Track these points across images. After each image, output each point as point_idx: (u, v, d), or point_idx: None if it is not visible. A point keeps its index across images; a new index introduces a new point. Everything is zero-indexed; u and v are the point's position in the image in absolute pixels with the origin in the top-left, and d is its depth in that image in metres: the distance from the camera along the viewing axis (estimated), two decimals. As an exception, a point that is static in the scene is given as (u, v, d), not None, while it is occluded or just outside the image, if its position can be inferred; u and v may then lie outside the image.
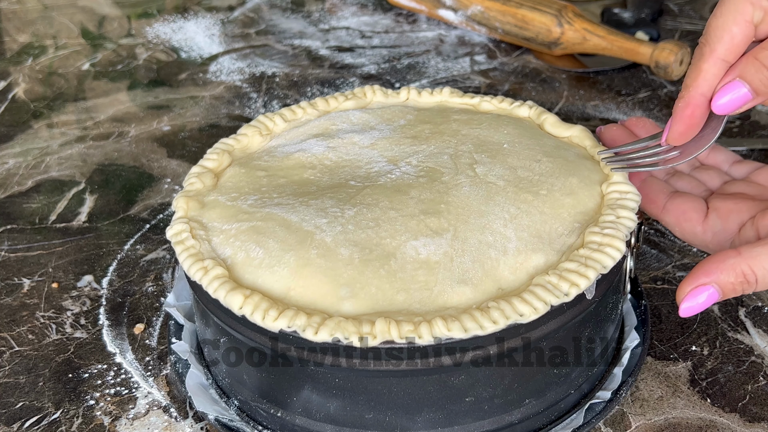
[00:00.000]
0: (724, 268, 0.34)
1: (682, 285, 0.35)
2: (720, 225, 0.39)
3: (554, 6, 0.75)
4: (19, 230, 0.56)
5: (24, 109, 0.72)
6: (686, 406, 0.41)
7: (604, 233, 0.37)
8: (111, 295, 0.50)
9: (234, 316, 0.36)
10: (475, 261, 0.36)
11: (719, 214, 0.40)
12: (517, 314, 0.34)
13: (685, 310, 0.35)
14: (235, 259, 0.38)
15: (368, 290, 0.35)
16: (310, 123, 0.47)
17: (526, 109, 0.48)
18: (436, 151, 0.43)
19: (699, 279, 0.34)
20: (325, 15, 0.87)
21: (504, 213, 0.38)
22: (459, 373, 0.35)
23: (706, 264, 0.35)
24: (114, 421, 0.41)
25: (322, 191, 0.40)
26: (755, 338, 0.45)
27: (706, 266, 0.34)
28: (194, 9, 0.89)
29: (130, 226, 0.56)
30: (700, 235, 0.40)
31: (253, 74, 0.76)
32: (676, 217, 0.41)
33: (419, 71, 0.75)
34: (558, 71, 0.74)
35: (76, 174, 0.62)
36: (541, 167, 0.41)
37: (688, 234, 0.41)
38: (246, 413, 0.40)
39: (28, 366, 0.45)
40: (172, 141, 0.66)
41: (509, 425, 0.38)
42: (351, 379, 0.35)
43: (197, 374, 0.42)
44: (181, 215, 0.41)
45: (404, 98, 0.49)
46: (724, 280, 0.34)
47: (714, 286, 0.34)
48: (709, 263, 0.35)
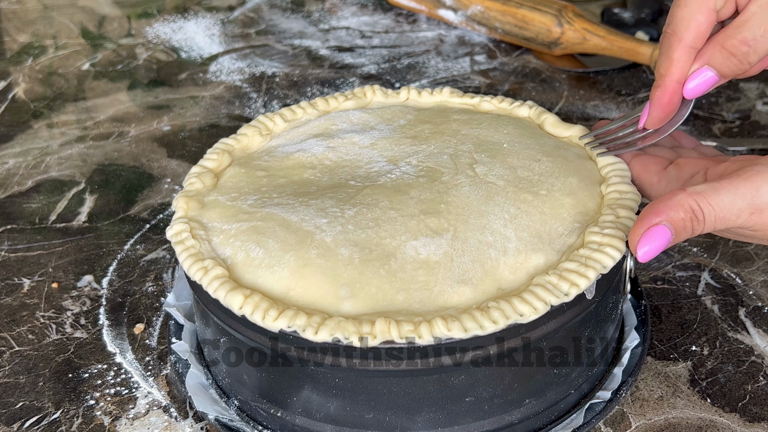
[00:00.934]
0: (672, 204, 0.34)
1: (634, 229, 0.35)
2: (675, 174, 0.40)
3: (554, 6, 0.75)
4: (19, 230, 0.56)
5: (24, 109, 0.72)
6: (686, 406, 0.41)
7: (604, 233, 0.37)
8: (111, 295, 0.50)
9: (234, 316, 0.36)
10: (475, 261, 0.36)
11: (676, 166, 0.41)
12: (517, 314, 0.34)
13: (644, 254, 0.34)
14: (235, 259, 0.38)
15: (368, 290, 0.35)
16: (310, 123, 0.47)
17: (526, 109, 0.48)
18: (436, 151, 0.43)
19: (651, 219, 0.34)
20: (325, 15, 0.87)
21: (504, 213, 0.38)
22: (459, 373, 0.35)
23: (655, 205, 0.35)
24: (114, 421, 0.41)
25: (322, 191, 0.40)
26: (755, 338, 0.45)
27: (655, 206, 0.35)
28: (194, 9, 0.89)
29: (130, 226, 0.56)
30: (655, 185, 0.41)
31: (253, 74, 0.76)
32: (638, 170, 0.42)
33: (419, 71, 0.75)
34: (558, 71, 0.74)
35: (76, 174, 0.62)
36: (541, 167, 0.41)
37: (645, 184, 0.42)
38: (246, 413, 0.40)
39: (28, 366, 0.45)
40: (172, 141, 0.66)
41: (509, 425, 0.38)
42: (351, 379, 0.35)
43: (197, 374, 0.42)
44: (181, 215, 0.41)
45: (404, 98, 0.49)
46: (674, 216, 0.34)
47: (666, 224, 0.34)
48: (658, 203, 0.35)
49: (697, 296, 0.48)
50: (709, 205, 0.34)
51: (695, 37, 0.37)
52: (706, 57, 0.37)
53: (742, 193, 0.34)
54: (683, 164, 0.41)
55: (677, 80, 0.38)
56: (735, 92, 0.69)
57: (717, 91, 0.69)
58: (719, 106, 0.67)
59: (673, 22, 0.37)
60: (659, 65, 0.38)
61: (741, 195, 0.34)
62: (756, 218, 0.34)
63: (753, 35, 0.36)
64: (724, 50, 0.37)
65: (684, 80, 0.38)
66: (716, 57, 0.37)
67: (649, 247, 0.34)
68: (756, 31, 0.36)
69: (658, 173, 0.41)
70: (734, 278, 0.49)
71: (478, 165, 0.41)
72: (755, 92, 0.69)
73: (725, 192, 0.34)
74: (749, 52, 0.36)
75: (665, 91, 0.38)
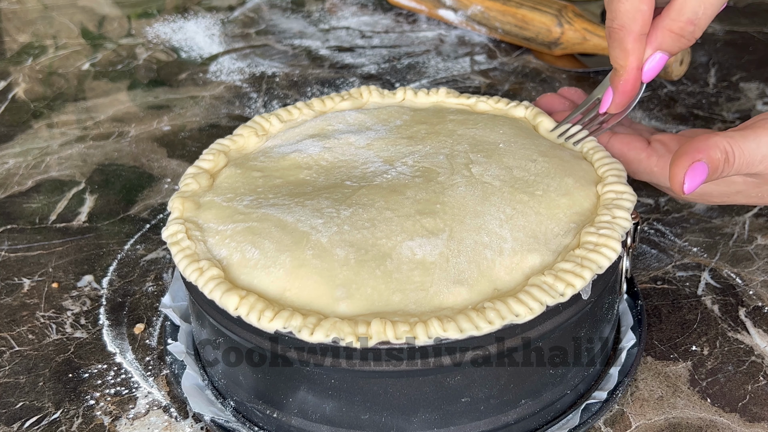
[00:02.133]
0: (712, 144, 0.37)
1: (677, 165, 0.37)
2: (664, 149, 0.43)
3: (554, 6, 0.75)
4: (19, 230, 0.56)
5: (24, 109, 0.72)
6: (686, 406, 0.41)
7: (599, 233, 0.37)
8: (111, 295, 0.50)
9: (230, 317, 0.36)
10: (471, 261, 0.36)
11: (661, 143, 0.44)
12: (513, 314, 0.34)
13: (688, 187, 0.37)
14: (231, 260, 0.38)
15: (364, 291, 0.35)
16: (306, 123, 0.47)
17: (522, 109, 0.47)
18: (432, 152, 0.43)
19: (694, 155, 0.37)
20: (325, 15, 0.87)
21: (500, 213, 0.38)
22: (455, 374, 0.35)
23: (694, 143, 0.38)
24: (114, 421, 0.41)
25: (318, 192, 0.40)
26: (755, 338, 0.45)
27: (695, 145, 0.37)
28: (194, 9, 0.90)
29: (130, 226, 0.56)
30: (644, 160, 0.44)
31: (253, 74, 0.76)
32: (621, 148, 0.44)
33: (419, 71, 0.75)
34: (558, 71, 0.74)
35: (76, 174, 0.62)
36: (536, 167, 0.41)
37: (634, 160, 0.44)
38: (242, 414, 0.40)
39: (28, 366, 0.45)
40: (172, 141, 0.66)
41: (505, 426, 0.38)
42: (347, 380, 0.35)
43: (193, 375, 0.42)
44: (177, 216, 0.41)
45: (400, 98, 0.49)
46: (713, 156, 0.37)
47: (705, 161, 0.37)
48: (698, 142, 0.37)
49: (697, 296, 0.48)
50: (740, 149, 0.38)
51: (643, 25, 0.39)
52: (658, 42, 0.40)
53: (765, 140, 0.38)
54: (667, 140, 0.44)
55: (637, 67, 0.41)
56: (735, 92, 0.69)
57: (717, 91, 0.69)
58: (719, 106, 0.67)
59: (618, 17, 0.39)
60: (615, 57, 0.41)
61: (765, 142, 0.38)
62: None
63: (695, 14, 0.39)
64: (672, 33, 0.40)
65: (642, 66, 0.41)
66: (666, 41, 0.40)
67: (691, 181, 0.37)
68: (698, 9, 0.39)
69: (645, 149, 0.44)
70: (734, 278, 0.49)
71: (474, 165, 0.41)
72: (755, 92, 0.69)
73: (752, 138, 0.38)
74: (695, 30, 0.39)
75: (628, 79, 0.41)
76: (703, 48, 0.76)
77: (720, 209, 0.55)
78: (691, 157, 0.37)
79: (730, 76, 0.71)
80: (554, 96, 0.50)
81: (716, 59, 0.74)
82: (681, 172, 0.37)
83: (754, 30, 0.79)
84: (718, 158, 0.37)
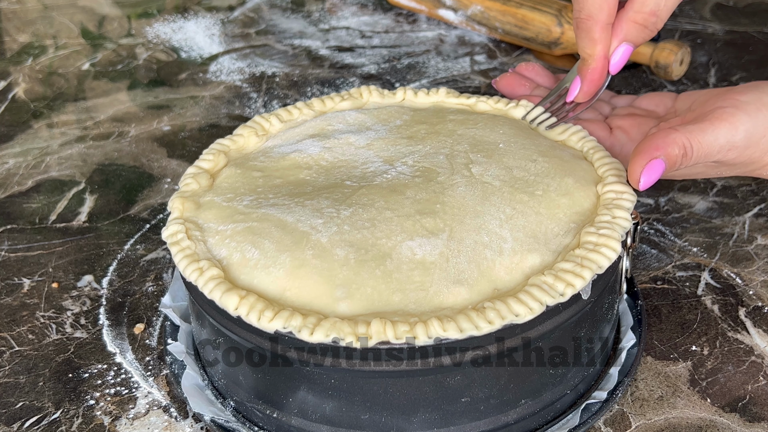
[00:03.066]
0: (670, 141, 0.38)
1: (635, 161, 0.38)
2: (625, 137, 0.45)
3: (554, 6, 0.75)
4: (19, 230, 0.56)
5: (24, 109, 0.72)
6: (686, 406, 0.41)
7: (599, 233, 0.37)
8: (111, 295, 0.50)
9: (230, 317, 0.36)
10: (471, 261, 0.36)
11: (623, 129, 0.46)
12: (512, 314, 0.34)
13: (644, 184, 0.38)
14: (231, 260, 0.38)
15: (364, 291, 0.35)
16: (306, 123, 0.47)
17: (521, 109, 0.47)
18: (432, 151, 0.43)
19: (651, 153, 0.38)
20: (325, 15, 0.87)
21: (500, 213, 0.38)
22: (455, 374, 0.35)
23: (653, 140, 0.39)
24: (114, 421, 0.41)
25: (318, 192, 0.40)
26: (755, 338, 0.45)
27: (653, 141, 0.39)
28: (194, 9, 0.90)
29: (130, 226, 0.56)
30: (608, 150, 0.44)
31: (253, 74, 0.76)
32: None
33: (419, 71, 0.75)
34: (558, 71, 0.74)
35: (76, 174, 0.62)
36: (536, 167, 0.41)
37: None
38: (242, 414, 0.40)
39: (28, 366, 0.45)
40: (172, 141, 0.66)
41: (505, 426, 0.38)
42: (347, 380, 0.35)
43: (193, 375, 0.42)
44: (177, 216, 0.41)
45: (400, 98, 0.49)
46: (671, 152, 0.38)
47: (663, 158, 0.38)
48: (656, 139, 0.39)
49: (697, 296, 0.48)
50: (698, 143, 0.39)
51: (609, 15, 0.41)
52: (623, 34, 0.42)
53: (722, 132, 0.39)
54: (627, 127, 0.46)
55: (604, 56, 0.43)
56: (736, 91, 0.69)
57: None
58: (720, 104, 0.67)
59: (585, 7, 0.41)
60: (583, 47, 0.42)
61: (722, 134, 0.39)
62: (731, 154, 0.40)
63: (657, 6, 0.41)
64: (636, 24, 0.41)
65: (608, 54, 0.43)
66: (631, 32, 0.42)
67: (647, 178, 0.38)
68: (659, 1, 0.41)
69: (608, 138, 0.45)
70: (734, 278, 0.49)
71: (474, 165, 0.41)
72: (756, 91, 0.69)
73: (710, 132, 0.39)
74: (657, 21, 0.41)
75: (596, 69, 0.43)
76: (703, 48, 0.76)
77: (720, 209, 0.55)
78: (649, 155, 0.38)
79: (730, 76, 0.71)
80: (514, 76, 0.50)
81: (716, 59, 0.74)
82: (638, 170, 0.38)
83: (754, 30, 0.79)
84: (675, 154, 0.38)
